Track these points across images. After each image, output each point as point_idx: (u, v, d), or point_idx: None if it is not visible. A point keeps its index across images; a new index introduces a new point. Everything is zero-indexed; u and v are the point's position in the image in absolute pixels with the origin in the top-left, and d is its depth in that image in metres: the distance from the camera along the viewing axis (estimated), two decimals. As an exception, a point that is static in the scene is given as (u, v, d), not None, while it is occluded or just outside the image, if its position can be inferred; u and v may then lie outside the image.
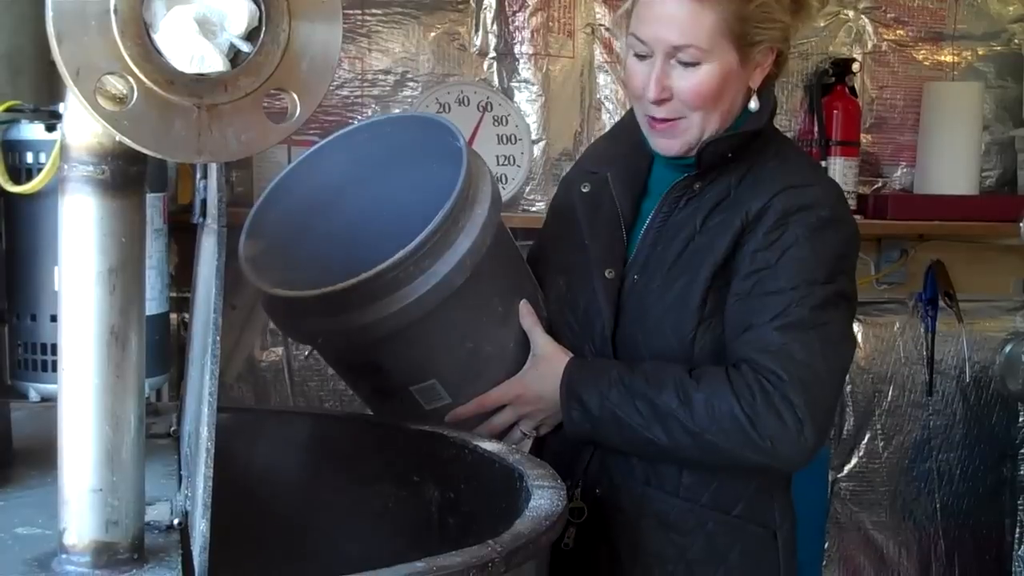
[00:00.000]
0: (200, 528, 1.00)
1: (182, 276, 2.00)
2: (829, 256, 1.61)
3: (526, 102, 3.04)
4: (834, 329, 1.60)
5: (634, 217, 1.73)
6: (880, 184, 3.38)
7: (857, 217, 3.14)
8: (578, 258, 1.74)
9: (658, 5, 1.60)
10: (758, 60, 1.64)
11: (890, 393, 3.41)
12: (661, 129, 1.66)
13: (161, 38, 0.90)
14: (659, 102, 1.63)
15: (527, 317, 1.71)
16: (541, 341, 1.70)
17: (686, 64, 1.60)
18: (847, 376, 3.31)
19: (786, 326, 1.56)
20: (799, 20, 1.66)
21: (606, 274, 1.69)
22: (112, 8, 0.88)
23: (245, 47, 0.93)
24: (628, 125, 1.78)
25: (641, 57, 1.63)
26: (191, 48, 0.90)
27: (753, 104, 1.67)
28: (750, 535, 1.67)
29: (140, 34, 0.90)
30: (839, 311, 1.61)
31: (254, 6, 0.92)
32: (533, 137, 3.00)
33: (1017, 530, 3.55)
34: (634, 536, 1.67)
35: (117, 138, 0.92)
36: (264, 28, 0.93)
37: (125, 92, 0.90)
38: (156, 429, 1.54)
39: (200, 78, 0.91)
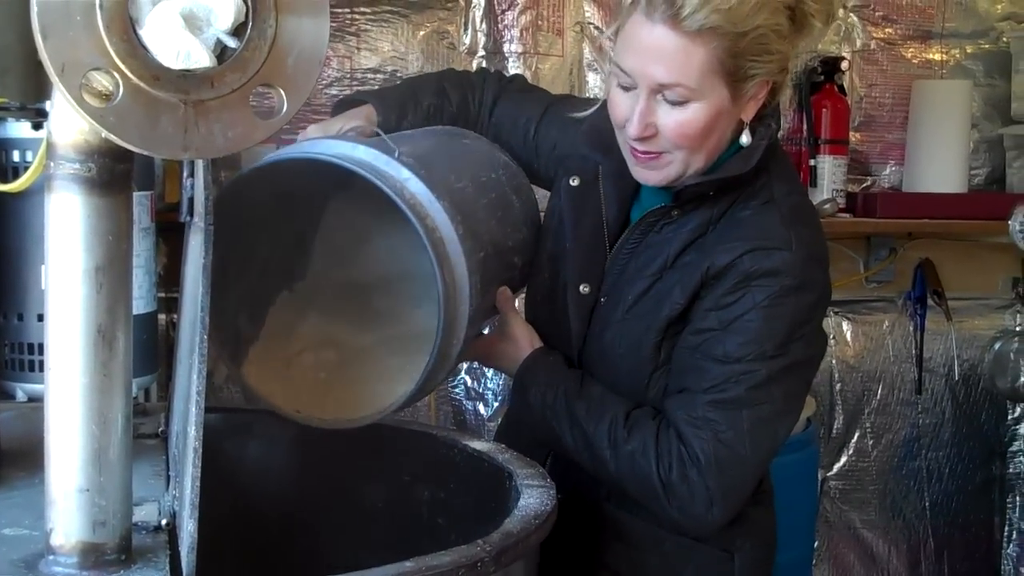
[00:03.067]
0: (188, 528, 1.00)
1: (171, 276, 1.99)
2: (784, 326, 1.52)
3: (515, 101, 3.03)
4: (770, 408, 1.54)
5: (620, 224, 1.68)
6: (869, 182, 3.38)
7: (846, 215, 3.18)
8: (561, 258, 1.71)
9: (645, 36, 1.46)
10: (752, 94, 1.53)
11: (879, 391, 3.42)
12: (643, 161, 1.56)
13: (147, 33, 0.90)
14: (641, 138, 1.53)
15: (505, 303, 1.68)
16: (513, 323, 1.69)
17: (673, 102, 1.49)
18: (836, 375, 3.35)
19: (718, 402, 1.51)
20: (799, 44, 1.54)
21: (581, 289, 1.66)
22: (97, 3, 0.88)
23: (231, 42, 0.93)
24: None
25: (625, 88, 1.52)
26: (177, 43, 0.90)
27: (745, 139, 1.56)
28: (706, 555, 1.65)
29: (126, 29, 0.89)
30: (782, 385, 1.54)
31: (241, 1, 0.92)
32: (522, 136, 3.00)
33: (1006, 527, 3.56)
34: (591, 547, 1.67)
35: (103, 135, 0.91)
36: (251, 23, 0.93)
37: (111, 88, 0.90)
38: (144, 429, 1.54)
39: (186, 74, 0.91)
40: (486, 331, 1.80)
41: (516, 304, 1.72)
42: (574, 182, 1.71)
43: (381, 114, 1.72)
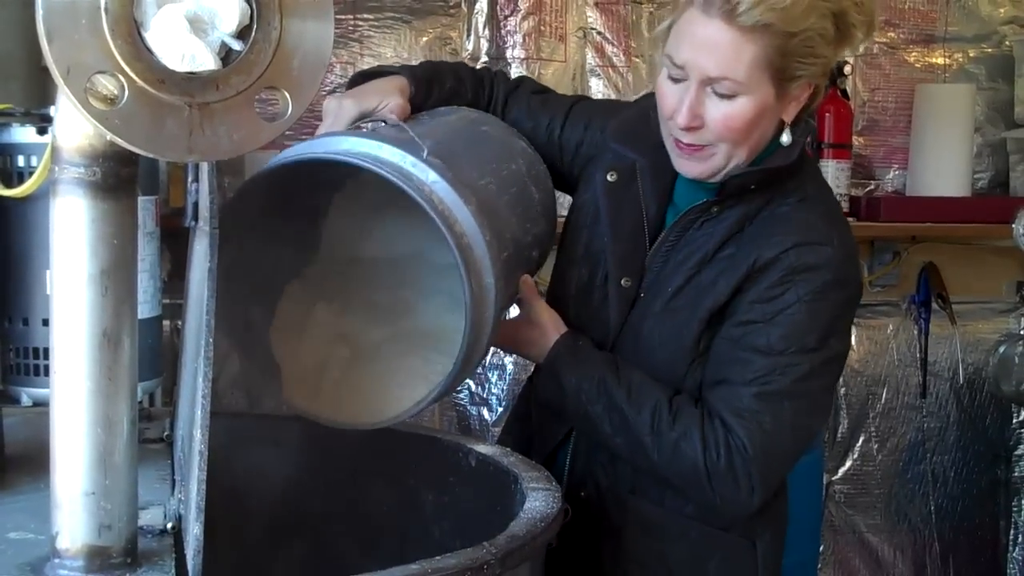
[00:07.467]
0: (194, 531, 1.00)
1: (175, 282, 1.99)
2: (825, 320, 1.59)
3: (518, 106, 3.03)
4: (809, 401, 1.60)
5: (658, 221, 1.70)
6: (872, 186, 3.38)
7: (850, 219, 3.17)
8: (600, 253, 1.72)
9: (699, 29, 1.51)
10: (794, 95, 1.58)
11: (884, 395, 3.42)
12: (687, 153, 1.60)
13: (152, 37, 0.90)
14: (688, 129, 1.57)
15: (528, 291, 1.68)
16: (538, 309, 1.69)
17: (721, 95, 1.53)
18: (840, 379, 3.34)
19: (763, 394, 1.56)
20: (841, 51, 1.60)
21: (622, 282, 1.69)
22: (103, 6, 0.88)
23: (236, 45, 0.93)
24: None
25: (675, 80, 1.57)
26: (182, 46, 0.90)
27: (785, 138, 1.61)
28: (731, 544, 1.68)
29: (131, 33, 0.89)
30: (821, 379, 1.61)
31: (245, 4, 0.92)
32: (525, 141, 3.00)
33: (1012, 531, 3.55)
34: (617, 541, 1.68)
35: (108, 137, 0.91)
36: (255, 26, 0.93)
37: (116, 91, 0.90)
38: (149, 434, 1.54)
39: (191, 77, 0.91)
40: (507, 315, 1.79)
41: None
42: (611, 177, 1.73)
43: (413, 87, 1.70)
